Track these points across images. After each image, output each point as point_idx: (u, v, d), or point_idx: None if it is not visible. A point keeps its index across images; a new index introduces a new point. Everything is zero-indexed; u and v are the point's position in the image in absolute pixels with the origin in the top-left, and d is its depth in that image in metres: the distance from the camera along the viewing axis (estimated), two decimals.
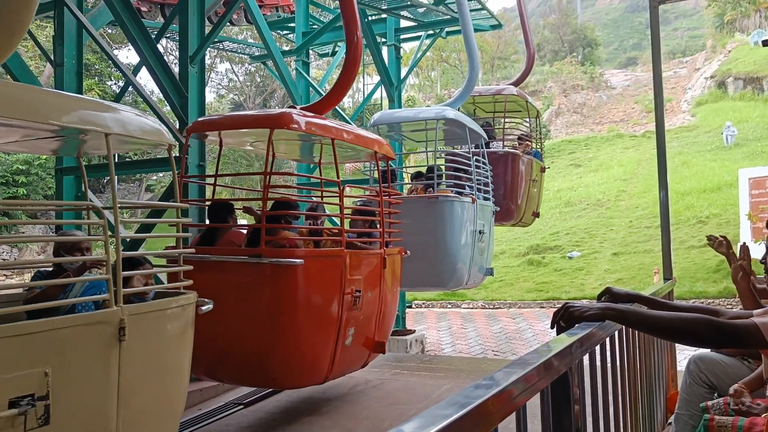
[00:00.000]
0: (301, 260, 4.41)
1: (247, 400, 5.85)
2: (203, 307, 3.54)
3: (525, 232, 22.02)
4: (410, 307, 15.60)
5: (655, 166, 4.98)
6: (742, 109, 29.41)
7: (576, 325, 1.89)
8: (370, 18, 11.10)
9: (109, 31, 24.21)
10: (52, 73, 17.37)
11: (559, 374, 1.56)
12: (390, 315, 5.76)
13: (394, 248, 5.69)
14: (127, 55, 33.76)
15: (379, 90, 13.59)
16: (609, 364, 2.26)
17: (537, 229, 22.07)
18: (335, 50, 13.57)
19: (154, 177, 26.17)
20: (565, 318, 1.93)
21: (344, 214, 5.07)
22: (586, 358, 1.85)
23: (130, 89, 10.76)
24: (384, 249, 5.40)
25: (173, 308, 3.28)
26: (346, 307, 4.82)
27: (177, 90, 6.72)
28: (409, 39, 13.36)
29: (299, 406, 5.67)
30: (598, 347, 2.08)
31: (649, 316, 1.96)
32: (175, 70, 6.98)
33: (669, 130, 25.12)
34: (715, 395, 3.29)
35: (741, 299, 3.05)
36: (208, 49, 8.00)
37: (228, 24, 12.35)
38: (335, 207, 5.28)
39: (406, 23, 11.95)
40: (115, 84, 27.51)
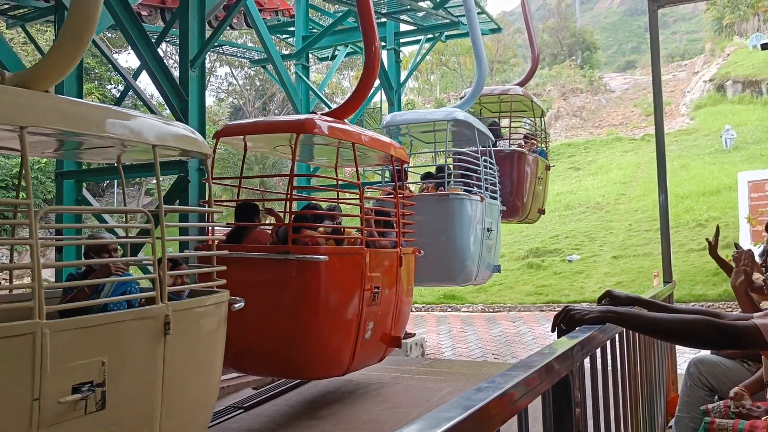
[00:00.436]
0: (326, 257, 4.69)
1: (247, 403, 5.84)
2: (236, 305, 3.77)
3: (525, 236, 22.03)
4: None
5: (654, 170, 4.99)
6: (741, 112, 29.44)
7: (577, 328, 1.90)
8: None
9: (109, 35, 24.23)
10: None
11: (560, 377, 1.56)
12: (405, 311, 6.05)
13: (408, 248, 5.94)
14: (127, 59, 33.76)
15: (378, 93, 13.61)
16: (610, 367, 2.26)
17: (536, 232, 22.08)
18: (335, 54, 13.59)
19: (153, 181, 26.17)
20: (565, 321, 1.94)
21: (363, 215, 5.33)
22: (586, 361, 1.85)
23: (130, 93, 10.78)
24: (400, 248, 5.67)
25: (209, 306, 3.52)
26: (365, 302, 5.10)
27: (177, 94, 6.73)
28: (409, 43, 13.39)
29: (299, 410, 5.67)
30: (598, 350, 2.08)
31: (649, 319, 1.96)
32: (176, 73, 6.99)
33: (668, 133, 25.12)
34: (716, 398, 3.30)
35: (739, 303, 3.06)
36: (208, 52, 8.01)
37: (228, 28, 12.38)
38: (347, 207, 5.42)
39: (406, 27, 11.98)
40: (115, 88, 27.53)
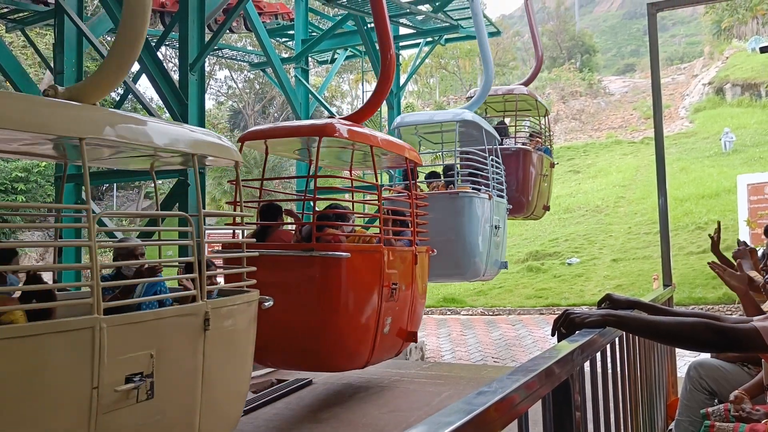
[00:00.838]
0: (348, 254, 4.90)
1: (247, 407, 5.83)
2: (266, 303, 4.01)
3: (524, 239, 22.05)
4: None
5: (653, 173, 4.99)
6: (740, 115, 29.48)
7: (577, 332, 1.90)
8: (369, 25, 11.14)
9: (109, 39, 24.26)
10: (51, 81, 17.40)
11: (560, 381, 1.56)
12: (420, 308, 6.25)
13: (422, 246, 6.13)
14: None
15: None
16: (610, 371, 2.26)
17: (536, 235, 22.10)
18: (334, 57, 13.61)
19: (152, 185, 26.18)
20: (565, 325, 1.94)
21: (381, 214, 5.56)
22: (586, 365, 1.85)
23: (129, 96, 10.78)
24: (415, 246, 5.90)
25: (242, 304, 3.75)
26: (384, 297, 5.33)
27: (177, 97, 6.74)
28: (408, 46, 13.41)
29: (299, 414, 5.66)
30: (598, 354, 2.08)
31: (649, 322, 1.96)
32: (175, 77, 7.00)
33: (667, 136, 25.18)
34: (716, 401, 3.30)
35: (742, 305, 3.06)
36: (208, 56, 8.03)
37: (228, 31, 12.39)
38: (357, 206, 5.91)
39: (405, 30, 12.00)
40: (114, 91, 27.56)
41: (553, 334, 1.96)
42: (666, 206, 4.73)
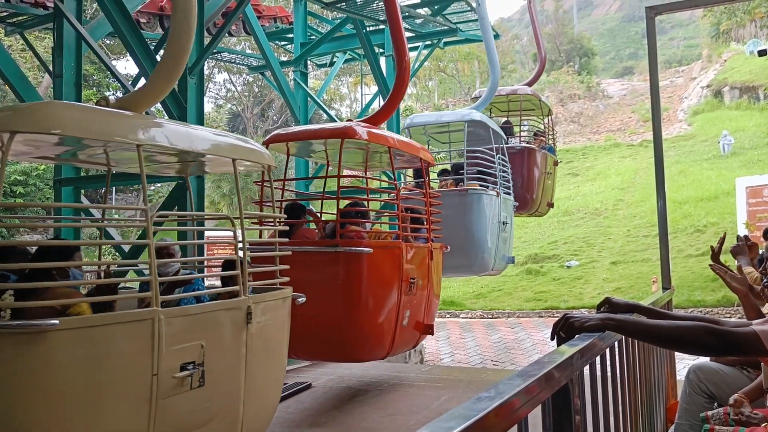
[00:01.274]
0: (370, 249, 5.15)
1: None
2: (299, 300, 4.23)
3: (523, 241, 22.05)
4: None
5: (652, 175, 5.00)
6: (739, 118, 29.53)
7: (576, 336, 1.90)
8: (368, 29, 11.15)
9: (108, 42, 24.28)
10: (50, 84, 17.37)
11: (560, 386, 1.56)
12: (435, 302, 6.51)
13: (437, 243, 6.36)
14: (126, 66, 33.83)
15: (377, 100, 13.64)
16: (609, 375, 2.26)
17: (535, 238, 22.11)
18: (333, 61, 13.62)
19: (152, 187, 26.17)
20: (565, 329, 1.93)
21: (400, 212, 5.79)
22: (586, 369, 1.85)
23: None
24: (431, 243, 6.14)
25: (278, 300, 4.01)
26: (403, 291, 5.57)
27: (176, 101, 6.74)
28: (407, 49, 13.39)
29: (298, 417, 5.65)
30: (598, 358, 2.08)
31: (649, 326, 1.96)
32: None
33: (666, 139, 25.21)
34: (715, 405, 3.30)
35: (743, 308, 3.06)
36: (207, 59, 8.03)
37: (227, 35, 12.40)
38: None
39: (404, 34, 12.00)
40: (114, 94, 27.57)
41: (552, 338, 1.96)
42: (665, 209, 4.73)
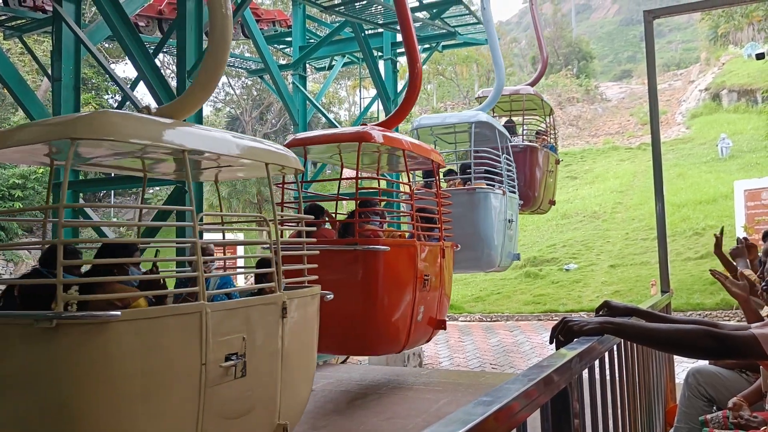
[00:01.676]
0: (388, 247, 5.42)
1: None
2: (327, 297, 4.48)
3: (522, 244, 21.98)
4: None
5: (650, 178, 5.00)
6: (737, 121, 29.56)
7: (575, 339, 1.90)
8: (367, 32, 11.16)
9: (107, 45, 24.28)
10: (49, 88, 17.36)
11: (559, 389, 1.56)
12: (446, 298, 6.74)
13: (448, 242, 6.60)
14: (124, 69, 33.85)
15: (375, 103, 13.65)
16: (608, 378, 2.26)
17: (534, 241, 22.11)
18: (332, 64, 13.63)
19: (150, 191, 26.18)
20: (563, 332, 1.93)
21: (414, 212, 6.08)
22: (585, 372, 1.85)
23: (127, 103, 10.78)
24: (442, 242, 6.40)
25: (309, 296, 4.23)
26: (418, 287, 5.82)
27: None
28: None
29: None
30: (597, 361, 2.08)
31: (648, 329, 1.96)
32: (173, 84, 7.01)
33: (664, 142, 25.23)
34: (714, 408, 3.29)
35: (744, 312, 3.06)
36: None
37: None
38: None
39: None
40: (112, 98, 27.54)
41: (551, 342, 1.96)
42: (663, 212, 4.73)
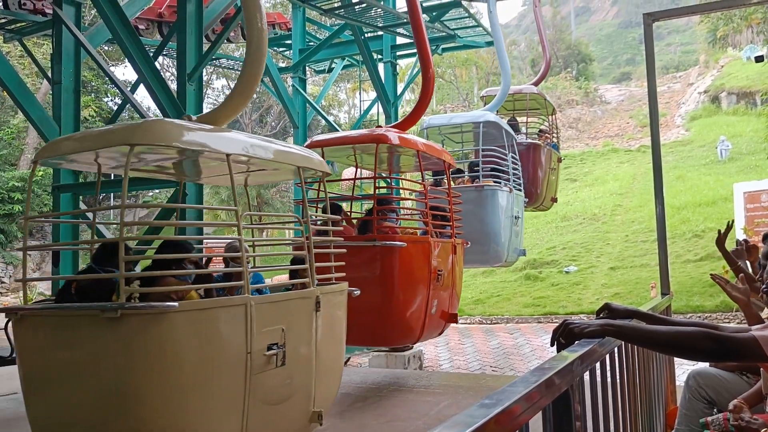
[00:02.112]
0: (404, 243, 5.68)
1: None
2: (354, 293, 4.68)
3: None
4: None
5: (650, 181, 5.01)
6: (736, 123, 29.59)
7: (576, 342, 1.90)
8: (366, 35, 11.17)
9: (106, 48, 24.29)
10: (48, 90, 17.36)
11: (560, 392, 1.56)
12: (458, 293, 6.99)
13: (459, 239, 6.82)
14: (124, 72, 33.83)
15: (375, 106, 13.66)
16: (609, 381, 2.26)
17: (533, 243, 22.09)
18: (331, 67, 13.65)
19: (149, 194, 26.18)
20: (564, 335, 1.94)
21: (428, 210, 6.32)
22: (586, 375, 1.85)
23: (127, 106, 10.78)
24: (454, 239, 6.63)
25: (338, 292, 4.43)
26: (432, 282, 6.05)
27: (175, 107, 6.74)
28: (406, 56, 13.45)
29: None
30: (598, 364, 2.08)
31: (648, 332, 1.96)
32: (173, 86, 7.02)
33: (663, 144, 25.21)
34: (715, 411, 3.29)
35: (745, 315, 3.07)
36: (205, 66, 8.04)
37: (225, 41, 12.41)
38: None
39: (402, 40, 12.04)
40: (112, 101, 27.56)
41: (552, 345, 1.96)
42: (663, 214, 4.73)
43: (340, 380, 4.73)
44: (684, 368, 6.14)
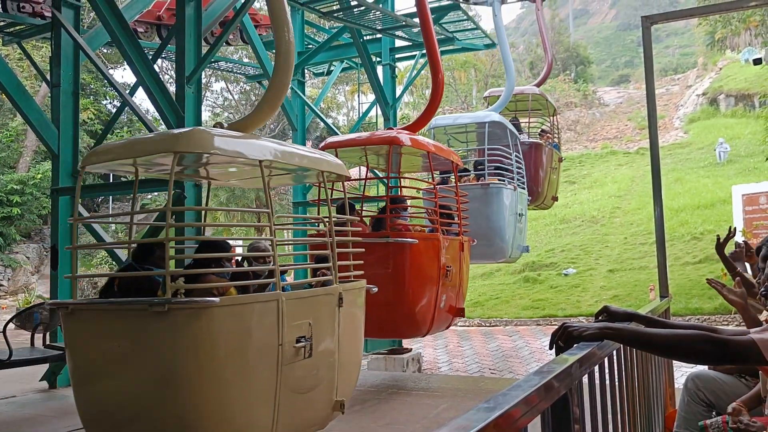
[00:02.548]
0: (416, 240, 5.94)
1: None
2: (373, 290, 4.89)
3: None
4: None
5: (649, 183, 5.02)
6: (734, 125, 29.63)
7: (575, 345, 1.90)
8: (365, 38, 11.18)
9: (105, 51, 24.29)
10: (47, 93, 17.36)
11: (559, 395, 1.56)
12: (465, 289, 7.22)
13: (466, 237, 7.05)
14: (123, 74, 33.84)
15: (374, 108, 13.66)
16: (608, 383, 2.25)
17: (532, 245, 22.04)
18: (330, 69, 13.65)
19: (148, 196, 26.16)
20: (563, 338, 1.93)
21: (437, 209, 6.55)
22: (585, 378, 1.85)
23: (125, 108, 10.77)
24: (462, 236, 6.88)
25: (357, 289, 4.63)
26: (441, 277, 6.28)
27: (173, 110, 6.74)
28: (404, 58, 13.44)
29: None
30: (597, 367, 2.08)
31: (647, 335, 1.96)
32: (172, 89, 7.01)
33: (662, 146, 25.21)
34: (714, 413, 3.29)
35: (743, 319, 3.06)
36: (204, 68, 8.04)
37: (224, 44, 12.41)
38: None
39: (401, 43, 12.04)
40: (111, 103, 27.56)
41: (551, 348, 1.96)
42: (662, 216, 4.74)
43: (359, 372, 4.98)
44: (683, 371, 6.14)
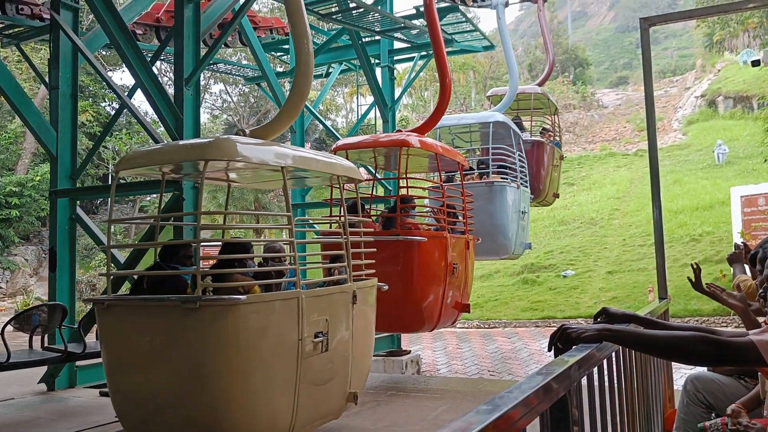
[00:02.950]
0: (425, 238, 6.16)
1: None
2: (384, 288, 5.09)
3: None
4: None
5: (647, 185, 5.02)
6: (733, 127, 29.64)
7: (573, 347, 1.90)
8: (364, 40, 11.18)
9: (104, 53, 24.29)
10: (46, 95, 17.35)
11: (558, 397, 1.56)
12: (470, 285, 7.42)
13: (471, 236, 7.26)
14: (122, 77, 33.82)
15: (373, 110, 13.67)
16: (607, 385, 2.25)
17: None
18: (329, 71, 13.65)
19: (147, 198, 26.15)
20: (562, 340, 1.93)
21: (444, 208, 6.82)
22: (584, 380, 1.85)
23: (124, 111, 10.75)
24: (467, 234, 7.10)
25: (369, 287, 4.84)
26: (448, 274, 6.50)
27: (172, 112, 6.73)
28: (403, 60, 13.45)
29: None
30: (595, 368, 2.07)
31: (646, 336, 1.96)
32: (170, 91, 7.00)
33: (660, 148, 25.17)
34: (713, 415, 3.29)
35: (743, 322, 3.06)
36: (203, 70, 8.04)
37: (223, 46, 12.41)
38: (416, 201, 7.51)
39: (400, 45, 12.05)
40: (109, 105, 27.54)
41: (549, 349, 1.96)
42: (660, 218, 4.74)
43: (370, 366, 5.20)
44: (682, 372, 6.14)
